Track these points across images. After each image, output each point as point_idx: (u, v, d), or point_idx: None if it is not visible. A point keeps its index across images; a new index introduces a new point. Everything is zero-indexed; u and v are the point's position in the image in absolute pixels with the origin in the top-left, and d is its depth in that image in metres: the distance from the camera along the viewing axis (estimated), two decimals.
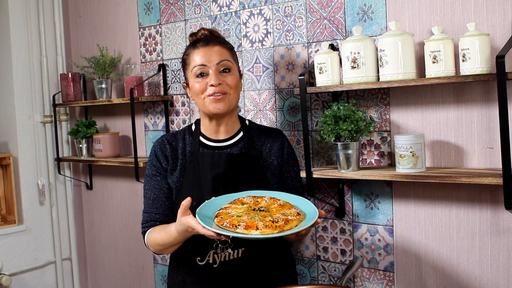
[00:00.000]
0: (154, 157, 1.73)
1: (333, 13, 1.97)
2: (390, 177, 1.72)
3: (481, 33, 1.55)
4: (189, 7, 2.42)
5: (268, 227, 1.33)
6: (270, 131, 1.78)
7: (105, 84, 2.70)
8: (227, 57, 1.66)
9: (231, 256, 1.66)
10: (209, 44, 1.65)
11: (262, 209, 1.45)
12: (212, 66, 1.63)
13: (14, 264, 2.87)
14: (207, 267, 1.66)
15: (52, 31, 2.98)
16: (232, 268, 1.67)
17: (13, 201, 2.88)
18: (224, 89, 1.62)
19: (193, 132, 1.75)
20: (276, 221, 1.35)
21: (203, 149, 1.71)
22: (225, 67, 1.64)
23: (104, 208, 2.99)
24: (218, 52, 1.64)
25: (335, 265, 2.07)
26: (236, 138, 1.73)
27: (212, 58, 1.63)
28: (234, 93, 1.65)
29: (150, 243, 1.66)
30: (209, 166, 1.66)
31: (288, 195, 1.53)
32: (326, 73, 1.84)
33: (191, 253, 1.66)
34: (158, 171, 1.71)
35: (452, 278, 1.79)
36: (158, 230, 1.63)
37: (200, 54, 1.64)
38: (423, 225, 1.84)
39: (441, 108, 1.76)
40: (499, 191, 1.67)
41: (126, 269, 2.91)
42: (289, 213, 1.40)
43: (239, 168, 1.67)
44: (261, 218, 1.37)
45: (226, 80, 1.63)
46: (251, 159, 1.70)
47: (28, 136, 2.91)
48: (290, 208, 1.44)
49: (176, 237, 1.53)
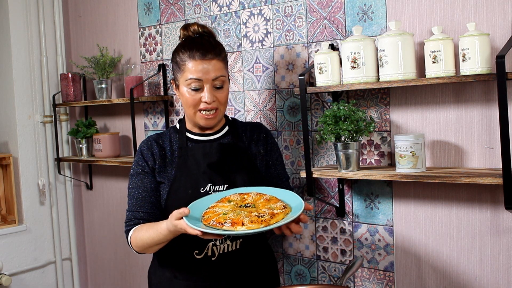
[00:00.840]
0: (140, 156, 1.72)
1: (333, 13, 1.97)
2: (390, 177, 1.72)
3: (481, 33, 1.55)
4: (189, 7, 2.42)
5: (254, 222, 1.34)
6: (252, 125, 1.84)
7: (105, 84, 2.70)
8: (222, 71, 1.66)
9: (230, 247, 1.68)
10: (206, 57, 1.63)
11: (248, 205, 1.47)
12: (208, 82, 1.63)
13: (14, 264, 2.87)
14: (205, 260, 1.67)
15: (52, 31, 2.98)
16: (231, 260, 1.69)
17: (13, 201, 2.88)
18: (216, 106, 1.66)
19: (179, 130, 1.76)
20: (262, 215, 1.36)
21: (191, 143, 1.73)
22: (219, 84, 1.65)
23: (104, 208, 2.99)
24: (215, 67, 1.63)
25: (335, 265, 2.07)
26: (222, 132, 1.77)
27: (208, 74, 1.62)
28: (224, 106, 1.70)
29: (135, 242, 1.64)
30: (202, 156, 1.68)
31: (275, 189, 1.55)
32: (326, 73, 1.84)
33: (187, 247, 1.66)
34: (143, 170, 1.70)
35: (452, 278, 1.79)
36: (145, 228, 1.61)
37: (197, 68, 1.62)
38: (423, 225, 1.84)
39: (441, 108, 1.76)
40: (499, 191, 1.67)
41: (126, 269, 2.91)
42: (275, 207, 1.42)
43: (230, 157, 1.71)
44: (247, 214, 1.38)
45: (219, 96, 1.65)
46: (240, 149, 1.74)
47: (28, 136, 2.91)
48: (276, 202, 1.45)
49: (166, 235, 1.52)
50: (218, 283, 1.68)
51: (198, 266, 1.68)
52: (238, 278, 1.70)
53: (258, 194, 1.51)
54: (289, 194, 1.51)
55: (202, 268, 1.68)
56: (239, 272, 1.70)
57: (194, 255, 1.66)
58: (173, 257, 1.71)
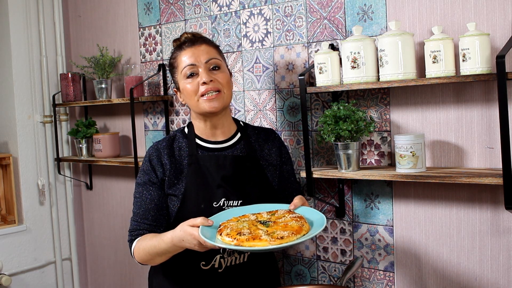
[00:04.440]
0: (149, 165, 1.67)
1: (333, 13, 1.97)
2: (390, 177, 1.72)
3: (481, 33, 1.55)
4: (189, 7, 2.42)
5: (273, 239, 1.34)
6: (265, 132, 1.79)
7: (105, 84, 2.70)
8: (215, 55, 1.65)
9: (237, 260, 1.65)
10: (195, 44, 1.64)
11: (265, 221, 1.44)
12: (201, 64, 1.61)
13: (14, 264, 2.87)
14: (212, 272, 1.63)
15: (52, 31, 2.98)
16: (237, 273, 1.66)
17: (13, 201, 2.88)
18: (217, 86, 1.61)
19: (188, 135, 1.71)
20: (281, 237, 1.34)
21: (201, 151, 1.68)
22: (214, 65, 1.63)
23: (104, 208, 2.99)
24: (206, 50, 1.63)
25: (335, 265, 2.07)
26: (234, 140, 1.72)
27: (200, 57, 1.62)
28: (227, 90, 1.64)
29: (137, 252, 1.60)
30: (215, 168, 1.63)
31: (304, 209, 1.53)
32: (326, 73, 1.84)
33: (194, 257, 1.62)
34: (151, 180, 1.65)
35: (452, 278, 1.79)
36: (149, 237, 1.58)
37: (188, 55, 1.63)
38: (423, 225, 1.84)
39: (441, 108, 1.76)
40: (499, 191, 1.67)
41: (126, 269, 2.91)
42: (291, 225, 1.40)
43: (244, 170, 1.66)
44: (267, 230, 1.38)
45: (217, 77, 1.62)
46: (253, 161, 1.69)
47: (28, 136, 2.91)
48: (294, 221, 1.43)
49: (168, 244, 1.49)
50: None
51: (203, 277, 1.64)
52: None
53: (288, 211, 1.49)
54: (311, 211, 1.50)
55: (208, 280, 1.64)
56: (245, 284, 1.67)
57: (201, 266, 1.63)
58: (177, 266, 1.67)
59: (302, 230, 1.36)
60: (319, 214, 1.46)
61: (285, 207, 1.53)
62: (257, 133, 1.78)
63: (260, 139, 1.76)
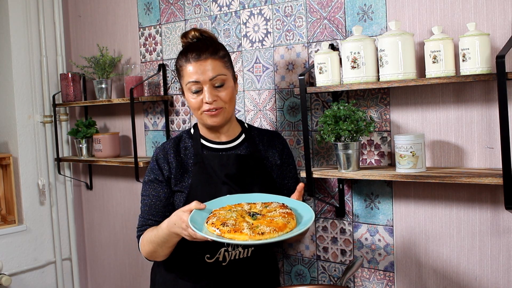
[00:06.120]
0: (156, 164, 1.72)
1: (333, 13, 1.97)
2: (390, 177, 1.72)
3: (481, 33, 1.55)
4: (189, 7, 2.42)
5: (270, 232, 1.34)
6: (270, 134, 1.83)
7: (105, 84, 2.70)
8: (220, 70, 1.65)
9: (241, 254, 1.68)
10: (201, 58, 1.63)
11: (255, 213, 1.44)
12: (206, 82, 1.63)
13: (14, 264, 2.87)
14: (215, 265, 1.67)
15: (52, 31, 2.98)
16: (240, 267, 1.69)
17: (13, 201, 2.88)
18: (218, 105, 1.64)
19: (193, 136, 1.76)
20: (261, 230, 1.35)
21: (207, 151, 1.72)
22: (219, 83, 1.64)
23: (104, 208, 2.99)
24: (211, 66, 1.63)
25: (335, 265, 2.07)
26: (238, 141, 1.76)
27: (205, 75, 1.62)
28: (230, 106, 1.68)
29: (142, 245, 1.67)
30: (218, 167, 1.67)
31: (293, 201, 1.53)
32: (326, 73, 1.84)
33: (199, 250, 1.66)
34: (157, 178, 1.71)
35: (452, 278, 1.79)
36: (151, 229, 1.64)
37: (193, 69, 1.63)
38: (423, 225, 1.84)
39: (441, 108, 1.76)
40: (499, 191, 1.66)
41: (126, 269, 2.91)
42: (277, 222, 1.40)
43: (247, 168, 1.70)
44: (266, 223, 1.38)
45: (220, 95, 1.64)
46: (257, 160, 1.73)
47: (28, 136, 2.91)
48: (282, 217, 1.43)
49: (164, 230, 1.53)
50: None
51: (207, 270, 1.67)
52: (246, 285, 1.70)
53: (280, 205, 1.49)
54: (303, 206, 1.50)
55: (212, 273, 1.67)
56: (248, 279, 1.71)
57: (205, 259, 1.67)
58: (181, 258, 1.71)
59: (286, 228, 1.36)
60: (310, 213, 1.46)
61: (282, 200, 1.54)
62: (262, 135, 1.82)
63: (265, 139, 1.80)
